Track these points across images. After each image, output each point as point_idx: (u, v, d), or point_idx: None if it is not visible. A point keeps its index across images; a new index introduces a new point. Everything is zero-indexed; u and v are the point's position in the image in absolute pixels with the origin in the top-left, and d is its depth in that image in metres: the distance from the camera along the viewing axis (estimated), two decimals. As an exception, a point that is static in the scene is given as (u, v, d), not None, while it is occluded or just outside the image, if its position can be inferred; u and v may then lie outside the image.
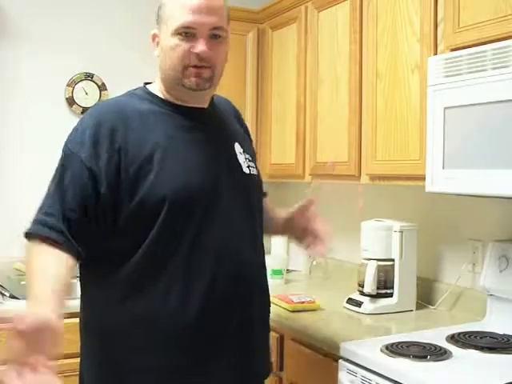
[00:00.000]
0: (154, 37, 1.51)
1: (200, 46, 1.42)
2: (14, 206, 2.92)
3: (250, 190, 1.56)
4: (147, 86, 1.57)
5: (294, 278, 2.94)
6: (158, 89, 1.54)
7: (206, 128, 1.51)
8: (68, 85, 3.01)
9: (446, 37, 1.86)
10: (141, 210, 1.37)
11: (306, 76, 2.64)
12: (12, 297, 2.46)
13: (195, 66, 1.44)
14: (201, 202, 1.41)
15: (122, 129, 1.41)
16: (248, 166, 1.57)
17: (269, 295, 1.62)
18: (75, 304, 2.41)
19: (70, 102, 3.02)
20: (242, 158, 1.56)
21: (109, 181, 1.37)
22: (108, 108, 1.49)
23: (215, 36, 1.44)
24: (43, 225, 1.36)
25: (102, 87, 3.07)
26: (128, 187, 1.37)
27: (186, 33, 1.42)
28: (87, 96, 3.04)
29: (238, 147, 1.57)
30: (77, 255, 1.37)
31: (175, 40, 1.43)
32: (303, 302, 2.23)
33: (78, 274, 1.57)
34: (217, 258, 1.42)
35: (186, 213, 1.39)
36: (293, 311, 2.18)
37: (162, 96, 1.52)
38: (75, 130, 1.48)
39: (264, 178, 2.94)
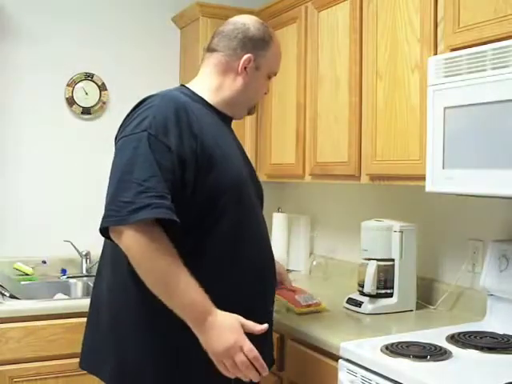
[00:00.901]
0: (249, 62, 1.66)
1: (268, 89, 1.81)
2: (14, 205, 2.92)
3: (261, 192, 1.78)
4: (189, 87, 1.67)
5: (294, 278, 2.93)
6: (207, 94, 1.66)
7: (234, 135, 1.75)
8: (68, 85, 3.01)
9: (446, 37, 1.86)
10: (211, 195, 1.50)
11: (306, 76, 2.64)
12: (12, 297, 2.46)
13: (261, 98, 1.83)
14: (246, 192, 1.61)
15: (195, 118, 1.52)
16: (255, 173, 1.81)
17: None
18: (75, 304, 2.43)
19: (70, 101, 3.02)
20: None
21: (191, 166, 1.46)
22: (175, 99, 1.54)
23: None
24: (167, 208, 1.39)
25: (101, 87, 3.08)
26: (202, 174, 1.48)
27: (271, 78, 1.76)
28: (87, 96, 3.04)
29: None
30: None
31: (265, 81, 1.74)
32: (310, 305, 2.14)
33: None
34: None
35: (241, 198, 1.57)
36: (299, 314, 2.13)
37: (208, 101, 1.65)
38: (153, 117, 1.47)
39: (264, 178, 2.98)
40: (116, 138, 1.56)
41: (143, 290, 1.43)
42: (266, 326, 1.46)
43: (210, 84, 1.67)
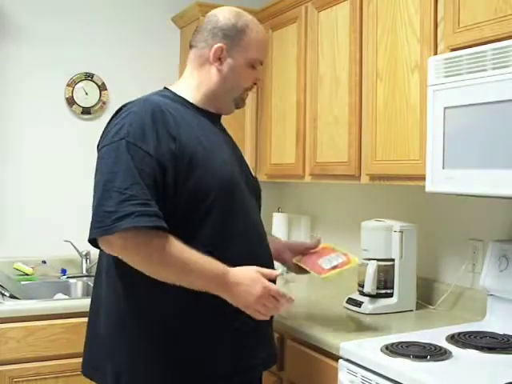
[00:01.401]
0: (220, 51, 1.63)
1: (261, 78, 1.74)
2: (14, 205, 2.92)
3: (257, 191, 1.77)
4: (171, 89, 1.67)
5: (294, 278, 2.94)
6: (188, 94, 1.66)
7: (223, 132, 1.74)
8: (68, 85, 3.01)
9: (446, 37, 1.86)
10: (193, 197, 1.50)
11: (306, 76, 2.64)
12: (12, 297, 2.46)
13: (250, 90, 1.72)
14: (235, 192, 1.59)
15: (172, 120, 1.52)
16: (251, 171, 1.79)
17: None
18: (75, 304, 2.43)
19: (70, 101, 3.02)
20: (247, 163, 1.79)
21: (171, 169, 1.47)
22: (152, 103, 1.54)
23: None
24: (150, 215, 1.41)
25: (101, 87, 3.08)
26: (183, 176, 1.49)
27: (256, 66, 1.68)
28: (87, 96, 3.04)
29: (242, 153, 1.79)
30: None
31: (247, 69, 1.67)
32: (335, 267, 1.85)
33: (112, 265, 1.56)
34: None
35: (229, 198, 1.56)
36: (325, 279, 1.90)
37: (192, 101, 1.65)
38: (130, 124, 1.48)
39: (264, 178, 2.98)
40: (98, 146, 1.56)
41: (131, 293, 1.49)
42: (280, 270, 1.65)
43: (191, 82, 1.68)
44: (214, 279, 1.46)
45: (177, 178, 1.48)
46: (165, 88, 1.70)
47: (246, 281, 1.49)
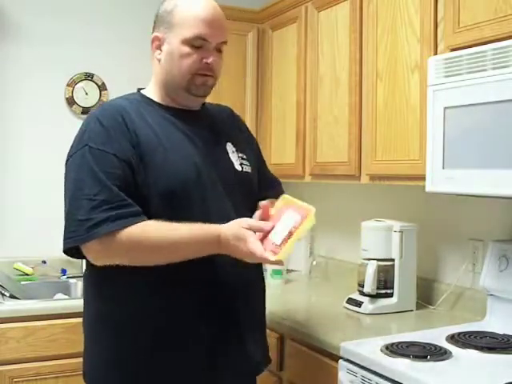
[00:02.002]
0: (156, 40, 1.56)
1: (212, 58, 1.53)
2: (14, 205, 2.92)
3: (240, 185, 1.63)
4: (141, 91, 1.63)
5: (294, 278, 2.95)
6: (152, 92, 1.61)
7: (196, 128, 1.59)
8: (68, 85, 3.01)
9: (446, 37, 1.86)
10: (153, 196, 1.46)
11: (306, 76, 2.64)
12: (12, 297, 2.46)
13: (202, 74, 1.54)
14: (192, 194, 1.50)
15: (129, 122, 1.48)
16: (241, 164, 1.66)
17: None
18: (75, 304, 2.43)
19: (70, 101, 3.02)
20: (234, 157, 1.65)
21: (135, 167, 1.44)
22: (113, 106, 1.53)
23: (220, 49, 1.56)
24: (125, 216, 1.39)
25: (101, 87, 3.07)
26: (143, 175, 1.46)
27: (200, 44, 1.51)
28: (87, 96, 3.04)
29: (230, 146, 1.66)
30: None
31: (186, 49, 1.51)
32: (291, 234, 1.50)
33: (86, 272, 1.58)
34: None
35: (178, 201, 1.48)
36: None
37: (157, 100, 1.59)
38: (90, 129, 1.48)
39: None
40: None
41: (97, 301, 1.52)
42: (271, 223, 1.48)
43: (151, 80, 1.63)
44: (206, 242, 1.43)
45: (140, 177, 1.45)
46: (138, 89, 1.66)
47: (233, 239, 1.42)
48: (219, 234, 1.43)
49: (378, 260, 2.20)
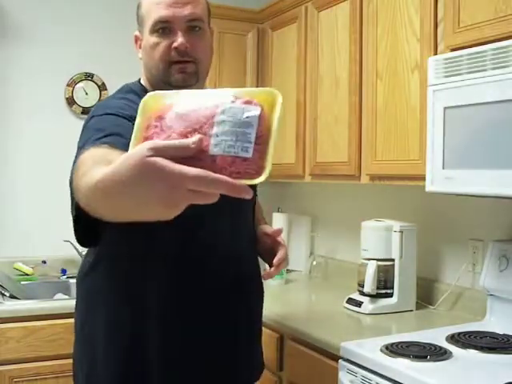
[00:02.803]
0: (137, 39, 1.51)
1: (179, 39, 1.38)
2: (14, 205, 2.92)
3: None
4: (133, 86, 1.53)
5: (294, 278, 2.95)
6: (144, 83, 1.53)
7: None
8: (68, 85, 3.01)
9: (446, 37, 1.86)
10: None
11: (306, 76, 2.64)
12: (12, 297, 2.46)
13: (178, 62, 1.40)
14: None
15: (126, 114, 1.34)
16: None
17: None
18: (75, 304, 2.42)
19: (70, 101, 3.02)
20: None
21: None
22: (117, 100, 1.43)
23: (193, 28, 1.42)
24: (105, 141, 1.22)
25: (101, 87, 3.07)
26: None
27: (163, 28, 1.39)
28: (87, 96, 3.04)
29: None
30: None
31: (154, 38, 1.41)
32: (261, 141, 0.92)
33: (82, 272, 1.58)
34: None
35: None
36: None
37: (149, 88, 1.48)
38: (81, 134, 1.40)
39: (264, 178, 2.96)
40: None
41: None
42: (197, 137, 0.79)
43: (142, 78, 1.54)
44: (117, 181, 0.84)
45: None
46: (126, 84, 1.56)
47: (137, 175, 0.77)
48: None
49: (378, 260, 2.20)
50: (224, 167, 0.79)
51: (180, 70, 1.40)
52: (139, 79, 1.57)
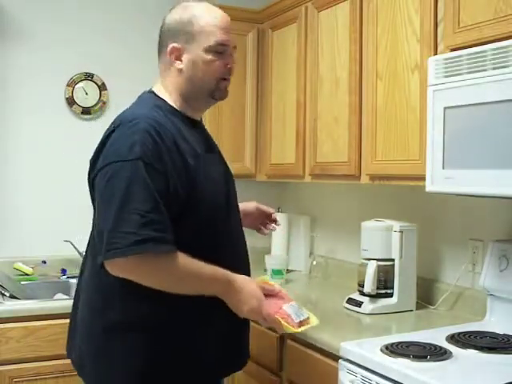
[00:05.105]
0: (175, 51, 1.61)
1: (231, 62, 1.63)
2: (14, 205, 2.92)
3: (235, 189, 1.75)
4: (158, 94, 1.65)
5: (294, 278, 2.95)
6: (172, 100, 1.63)
7: (206, 137, 1.71)
8: (68, 85, 3.01)
9: (446, 37, 1.86)
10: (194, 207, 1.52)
11: (306, 76, 2.64)
12: (12, 297, 2.46)
13: (225, 79, 1.63)
14: (222, 209, 1.62)
15: (174, 139, 1.50)
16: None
17: None
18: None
19: (70, 101, 3.02)
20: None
21: (182, 187, 1.48)
22: (156, 120, 1.51)
23: (232, 54, 1.65)
24: (167, 242, 1.42)
25: (102, 87, 3.08)
26: (186, 189, 1.49)
27: (221, 50, 1.60)
28: (87, 96, 3.04)
29: (222, 157, 1.76)
30: None
31: (209, 56, 1.59)
32: (301, 323, 1.66)
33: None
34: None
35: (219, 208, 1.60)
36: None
37: (177, 107, 1.63)
38: (143, 143, 1.44)
39: (264, 178, 2.98)
40: (95, 160, 1.52)
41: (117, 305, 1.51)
42: (278, 286, 1.69)
43: (165, 88, 1.64)
44: (220, 286, 1.53)
45: (186, 193, 1.49)
46: (154, 94, 1.66)
47: (245, 291, 1.56)
48: (235, 280, 1.56)
49: (378, 260, 2.20)
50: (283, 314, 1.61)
51: (225, 86, 1.65)
52: (152, 90, 1.68)
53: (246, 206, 1.96)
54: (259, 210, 2.03)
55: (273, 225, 2.06)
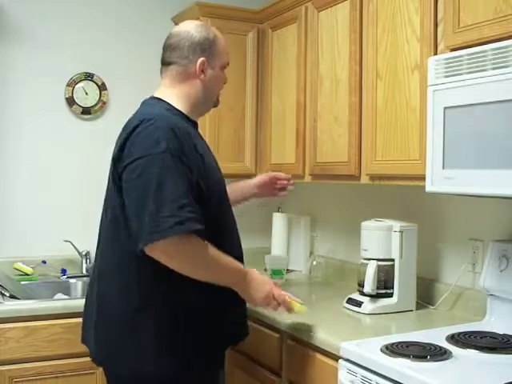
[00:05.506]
0: (204, 64, 1.81)
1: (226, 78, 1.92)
2: (14, 205, 2.92)
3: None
4: (164, 99, 1.80)
5: (294, 278, 2.95)
6: (184, 108, 1.80)
7: (203, 138, 1.89)
8: (68, 85, 3.01)
9: (446, 37, 1.86)
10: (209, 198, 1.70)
11: (306, 76, 2.64)
12: (12, 297, 2.46)
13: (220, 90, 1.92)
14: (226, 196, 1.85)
15: (191, 139, 1.69)
16: None
17: None
18: (75, 304, 2.43)
19: (70, 101, 3.02)
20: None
21: (196, 175, 1.65)
22: (172, 121, 1.67)
23: None
24: (200, 221, 1.58)
25: (102, 87, 3.08)
26: (204, 182, 1.67)
27: (225, 69, 1.89)
28: (87, 96, 3.04)
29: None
30: None
31: (221, 73, 1.88)
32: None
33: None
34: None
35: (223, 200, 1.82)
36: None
37: (186, 114, 1.80)
38: (167, 139, 1.59)
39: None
40: (119, 158, 1.65)
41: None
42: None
43: (176, 95, 1.80)
44: (238, 277, 1.73)
45: (203, 188, 1.66)
46: (158, 99, 1.81)
47: (257, 281, 1.78)
48: (248, 271, 1.77)
49: (378, 260, 2.20)
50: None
51: (219, 97, 1.93)
52: (155, 97, 1.83)
53: (260, 178, 2.34)
54: (273, 178, 2.34)
55: (289, 187, 2.38)
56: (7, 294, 2.46)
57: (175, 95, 1.80)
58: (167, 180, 1.54)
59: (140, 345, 1.63)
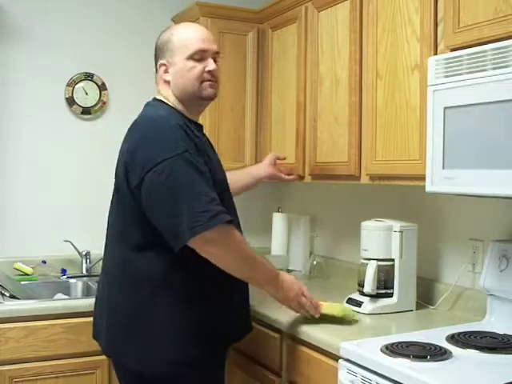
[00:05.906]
0: (163, 65, 1.88)
1: (211, 65, 1.86)
2: (14, 205, 2.92)
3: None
4: (166, 103, 1.88)
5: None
6: (180, 108, 1.87)
7: (207, 139, 1.97)
8: (68, 85, 3.01)
9: (446, 37, 1.86)
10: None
11: (306, 76, 2.64)
12: (12, 297, 2.46)
13: (209, 80, 1.86)
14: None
15: (192, 133, 1.78)
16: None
17: None
18: (75, 304, 2.43)
19: (70, 101, 3.02)
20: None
21: (209, 169, 1.77)
22: (178, 122, 1.76)
23: (216, 59, 1.89)
24: (226, 213, 1.68)
25: (102, 87, 3.07)
26: (212, 175, 1.78)
27: (200, 57, 1.84)
28: (87, 96, 3.04)
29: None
30: None
31: (190, 63, 1.84)
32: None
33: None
34: None
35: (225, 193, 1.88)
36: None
37: (186, 115, 1.87)
38: (181, 139, 1.70)
39: (263, 178, 2.96)
40: (133, 159, 1.72)
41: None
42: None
43: (167, 98, 1.88)
44: (272, 276, 1.86)
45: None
46: (159, 100, 1.89)
47: (288, 281, 1.91)
48: (279, 271, 1.90)
49: (378, 260, 2.20)
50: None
51: (210, 85, 1.87)
52: (157, 99, 1.91)
53: (269, 157, 2.60)
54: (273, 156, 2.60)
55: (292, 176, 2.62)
56: (7, 294, 2.46)
57: (169, 97, 1.88)
58: (194, 178, 1.65)
59: (145, 340, 1.71)
